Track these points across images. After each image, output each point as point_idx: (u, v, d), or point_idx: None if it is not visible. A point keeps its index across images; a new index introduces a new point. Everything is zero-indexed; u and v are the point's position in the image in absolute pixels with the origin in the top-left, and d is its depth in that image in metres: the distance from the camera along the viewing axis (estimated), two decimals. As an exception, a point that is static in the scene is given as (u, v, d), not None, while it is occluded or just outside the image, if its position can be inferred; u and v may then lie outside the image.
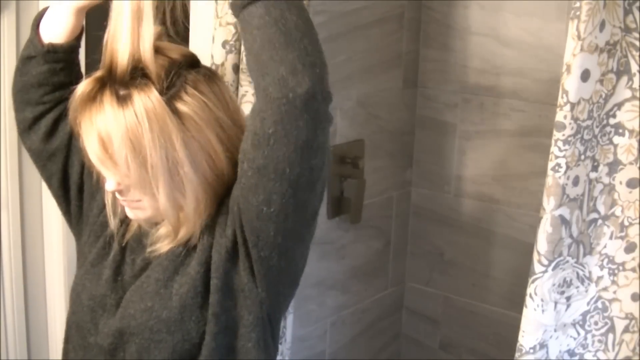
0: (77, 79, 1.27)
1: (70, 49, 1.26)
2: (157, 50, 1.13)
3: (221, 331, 1.16)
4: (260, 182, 1.07)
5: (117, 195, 1.18)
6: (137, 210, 1.18)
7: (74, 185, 1.30)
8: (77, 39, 1.26)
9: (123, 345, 1.19)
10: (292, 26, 1.03)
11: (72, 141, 1.28)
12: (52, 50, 1.24)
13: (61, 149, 1.28)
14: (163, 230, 1.21)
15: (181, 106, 1.11)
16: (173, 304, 1.16)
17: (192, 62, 1.18)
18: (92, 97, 1.11)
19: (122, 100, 1.09)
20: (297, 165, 1.05)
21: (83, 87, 1.13)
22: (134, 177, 1.11)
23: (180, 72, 1.13)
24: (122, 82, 1.10)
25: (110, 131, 1.09)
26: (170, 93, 1.11)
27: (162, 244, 1.20)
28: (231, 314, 1.17)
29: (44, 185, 2.00)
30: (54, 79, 1.26)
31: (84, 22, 1.26)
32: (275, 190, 1.07)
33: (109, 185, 1.15)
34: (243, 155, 1.08)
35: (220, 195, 1.17)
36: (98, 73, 1.13)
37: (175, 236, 1.19)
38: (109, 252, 1.26)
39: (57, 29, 1.23)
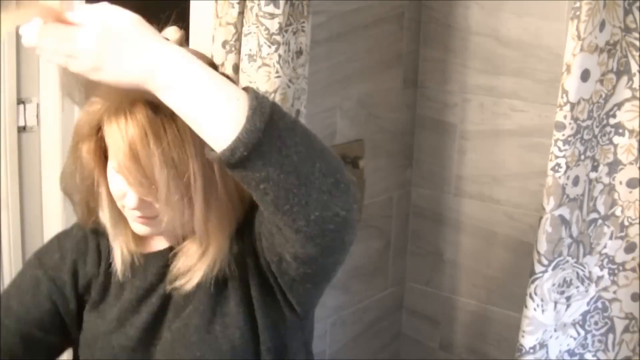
0: None
1: None
2: None
3: None
4: (312, 282, 1.07)
5: (132, 210, 1.08)
6: (149, 226, 1.11)
7: (71, 318, 1.21)
8: None
9: None
10: (297, 161, 0.87)
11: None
12: None
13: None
14: (182, 263, 1.13)
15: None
16: (223, 347, 1.10)
17: (214, 68, 1.09)
18: (120, 110, 1.02)
19: (156, 109, 1.00)
20: (343, 258, 1.04)
21: (101, 103, 1.03)
22: (173, 191, 1.02)
23: None
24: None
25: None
26: None
27: (185, 279, 1.12)
28: (279, 344, 1.14)
29: (44, 185, 2.00)
30: None
31: None
32: (326, 280, 1.10)
33: (131, 202, 1.06)
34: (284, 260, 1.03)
35: (238, 219, 1.12)
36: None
37: (204, 252, 1.11)
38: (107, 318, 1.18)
39: None
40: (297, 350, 1.17)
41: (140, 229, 1.11)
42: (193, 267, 1.11)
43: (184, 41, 1.09)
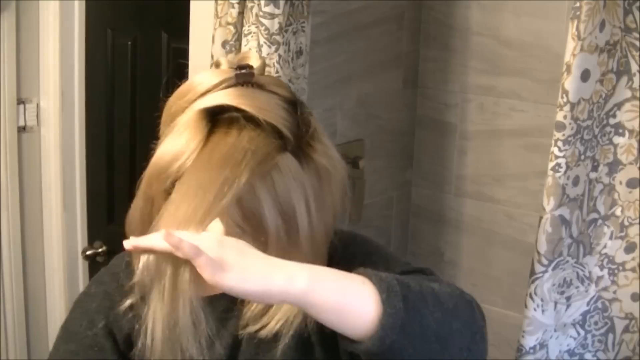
0: None
1: None
2: (263, 88, 0.98)
3: None
4: None
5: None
6: None
7: None
8: None
9: None
10: (436, 327, 0.86)
11: None
12: None
13: None
14: (259, 307, 1.01)
15: (316, 156, 0.98)
16: None
17: (294, 96, 1.02)
18: None
19: None
20: None
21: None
22: (275, 238, 0.94)
23: (298, 111, 0.97)
24: None
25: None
26: (300, 141, 0.96)
27: (261, 323, 1.01)
28: None
29: (44, 185, 2.00)
30: None
31: None
32: None
33: None
34: None
35: None
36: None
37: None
38: None
39: None
40: None
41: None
42: (269, 309, 1.01)
43: (264, 69, 1.03)
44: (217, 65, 1.03)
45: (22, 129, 1.92)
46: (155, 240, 0.84)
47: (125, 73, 2.11)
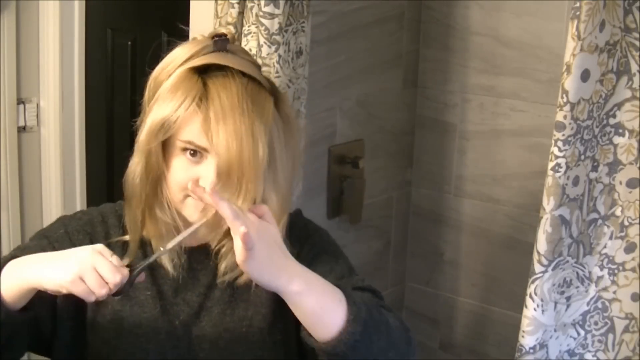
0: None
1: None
2: (235, 54, 1.15)
3: None
4: None
5: (205, 187, 1.08)
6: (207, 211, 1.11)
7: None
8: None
9: None
10: (376, 352, 1.08)
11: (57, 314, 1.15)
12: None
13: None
14: (234, 259, 1.09)
15: (281, 105, 1.16)
16: (278, 350, 1.19)
17: (259, 68, 1.21)
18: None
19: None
20: None
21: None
22: (256, 169, 1.08)
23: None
24: None
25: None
26: (274, 96, 1.15)
27: (237, 271, 1.15)
28: None
29: (44, 185, 2.00)
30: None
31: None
32: None
33: (209, 177, 1.08)
34: None
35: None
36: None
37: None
38: (146, 310, 1.16)
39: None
40: None
41: (196, 213, 1.11)
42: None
43: (234, 40, 1.20)
44: (193, 40, 1.18)
45: (22, 129, 1.92)
46: (222, 204, 1.01)
47: (125, 73, 2.11)
